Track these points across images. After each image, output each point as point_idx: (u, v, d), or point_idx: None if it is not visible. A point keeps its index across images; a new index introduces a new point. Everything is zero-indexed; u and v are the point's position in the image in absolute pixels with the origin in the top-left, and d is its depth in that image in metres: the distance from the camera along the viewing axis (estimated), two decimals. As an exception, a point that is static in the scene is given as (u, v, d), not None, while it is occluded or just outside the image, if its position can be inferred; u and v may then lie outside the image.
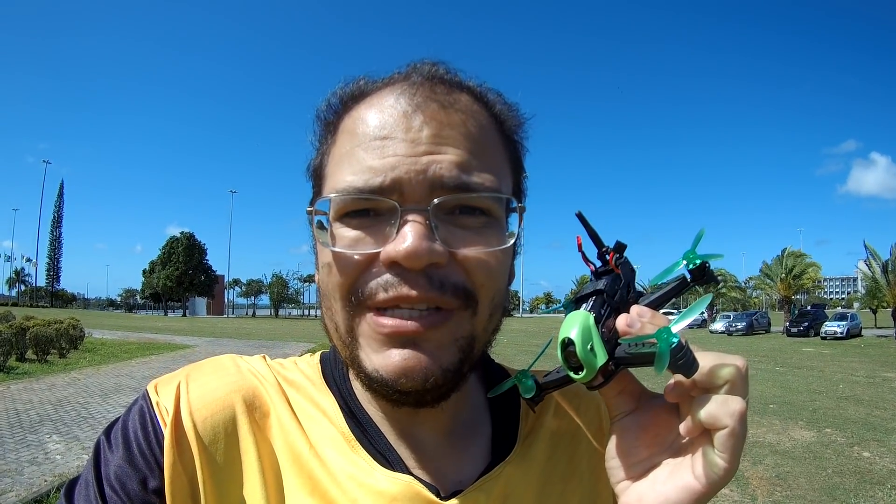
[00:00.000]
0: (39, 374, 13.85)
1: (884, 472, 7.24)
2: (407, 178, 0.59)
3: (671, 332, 0.51)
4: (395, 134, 0.61)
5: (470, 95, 0.67)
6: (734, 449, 0.53)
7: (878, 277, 41.73)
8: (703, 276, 0.62)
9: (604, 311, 0.59)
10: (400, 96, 0.63)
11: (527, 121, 0.74)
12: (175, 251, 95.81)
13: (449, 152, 0.60)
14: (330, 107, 0.70)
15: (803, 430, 9.51)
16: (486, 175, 0.62)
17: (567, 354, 0.56)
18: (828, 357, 23.37)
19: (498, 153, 0.67)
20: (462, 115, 0.64)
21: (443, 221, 0.60)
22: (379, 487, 0.64)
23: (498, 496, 0.68)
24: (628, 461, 0.60)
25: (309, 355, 0.80)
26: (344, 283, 0.62)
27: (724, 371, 0.53)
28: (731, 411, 0.52)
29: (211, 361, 0.74)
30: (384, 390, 0.62)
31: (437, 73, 0.66)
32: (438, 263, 0.58)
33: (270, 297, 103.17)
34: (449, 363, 0.61)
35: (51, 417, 9.14)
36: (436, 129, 0.61)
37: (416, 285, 0.58)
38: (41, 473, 6.32)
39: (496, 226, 0.63)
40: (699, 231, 0.64)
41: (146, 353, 20.24)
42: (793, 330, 39.99)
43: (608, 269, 0.63)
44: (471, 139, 0.63)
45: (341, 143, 0.65)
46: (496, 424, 0.76)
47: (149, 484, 0.62)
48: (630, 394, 0.62)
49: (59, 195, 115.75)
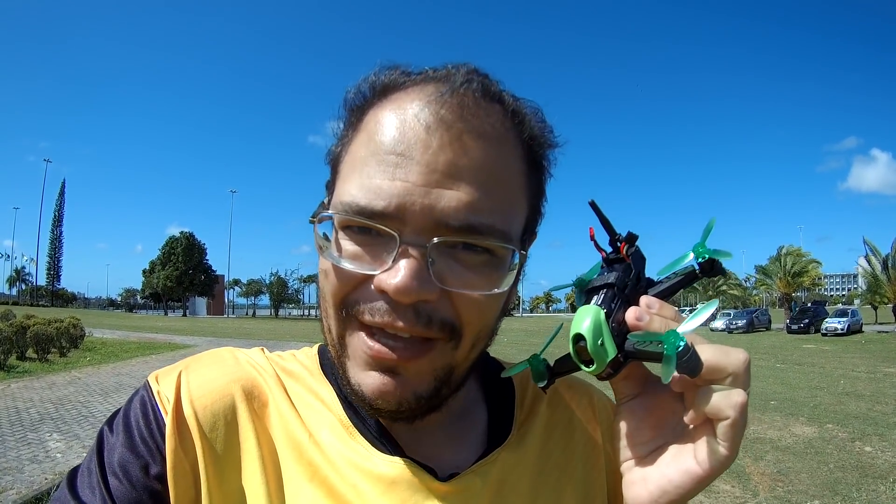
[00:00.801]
0: (40, 373, 13.88)
1: (885, 466, 7.25)
2: (412, 209, 0.57)
3: (679, 335, 0.53)
4: (411, 153, 0.58)
5: (503, 112, 0.63)
6: (735, 438, 0.55)
7: (878, 273, 41.85)
8: (713, 269, 0.63)
9: (614, 304, 0.60)
10: (426, 107, 0.59)
11: (559, 146, 0.70)
12: (175, 251, 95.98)
13: (462, 188, 0.58)
14: (359, 93, 0.66)
15: (804, 425, 9.53)
16: (495, 217, 0.59)
17: (578, 348, 0.58)
18: (829, 353, 23.47)
19: (516, 186, 0.64)
20: (485, 142, 0.60)
21: (442, 255, 0.59)
22: (378, 471, 0.65)
23: (494, 480, 0.69)
24: (634, 442, 0.63)
25: (307, 347, 0.82)
26: (337, 294, 0.62)
27: (728, 364, 0.55)
28: (732, 403, 0.54)
29: (210, 354, 0.75)
30: (362, 403, 0.63)
31: (472, 83, 0.62)
32: (428, 300, 0.58)
33: (270, 297, 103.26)
34: (424, 391, 0.62)
35: (51, 416, 9.16)
36: (454, 155, 0.58)
37: (403, 318, 0.58)
38: (42, 471, 6.33)
39: (497, 265, 0.61)
40: (709, 222, 0.64)
41: (146, 353, 20.31)
42: (793, 327, 40.14)
43: (619, 258, 0.64)
44: (489, 172, 0.60)
45: (358, 144, 0.63)
46: (492, 412, 0.77)
47: (151, 470, 0.62)
48: (636, 378, 0.64)
49: (60, 194, 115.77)
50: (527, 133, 0.65)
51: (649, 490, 0.60)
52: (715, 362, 0.54)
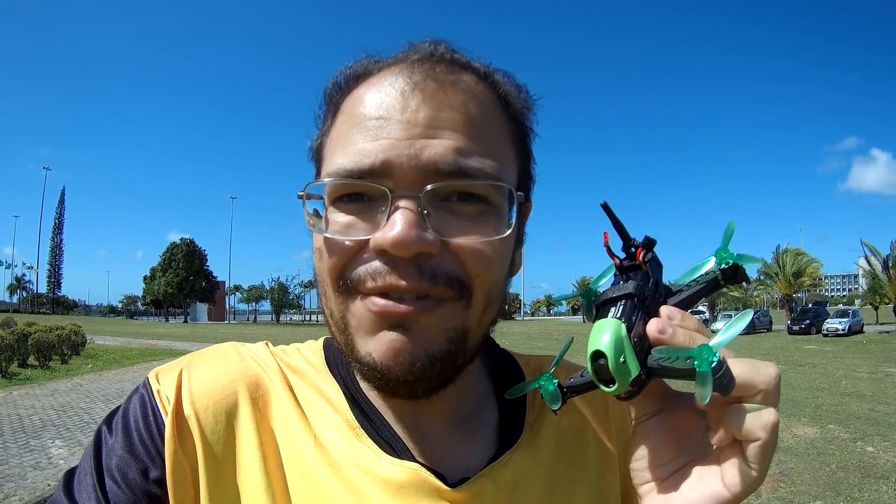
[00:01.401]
0: (42, 380, 13.85)
1: (888, 466, 7.23)
2: (399, 161, 0.56)
3: (712, 349, 0.48)
4: (390, 115, 0.58)
5: (474, 75, 0.64)
6: (765, 460, 0.51)
7: (878, 274, 41.72)
8: (737, 276, 0.58)
9: (635, 317, 0.55)
10: (399, 75, 0.61)
11: (537, 101, 0.70)
12: (175, 257, 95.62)
13: (446, 135, 0.58)
14: (334, 86, 0.68)
15: (806, 426, 9.49)
16: (485, 160, 0.59)
17: (597, 367, 0.52)
18: (830, 354, 23.32)
19: (502, 137, 0.64)
20: (463, 95, 0.61)
21: (437, 208, 0.58)
22: (385, 475, 0.63)
23: (506, 483, 0.67)
24: (653, 464, 0.57)
25: (312, 341, 0.79)
26: (334, 268, 0.60)
27: (758, 381, 0.51)
28: (764, 423, 0.50)
29: (213, 349, 0.73)
30: (374, 376, 0.60)
31: (438, 52, 0.64)
32: (429, 253, 0.56)
33: (271, 302, 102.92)
34: (436, 351, 0.59)
35: (53, 422, 9.14)
36: (434, 109, 0.58)
37: (406, 275, 0.56)
38: (44, 478, 6.33)
39: (495, 214, 0.60)
40: (729, 225, 0.60)
41: (148, 359, 20.16)
42: (794, 328, 39.82)
43: (634, 265, 0.58)
44: (471, 121, 0.60)
45: (339, 125, 0.64)
46: (503, 412, 0.75)
47: (150, 474, 0.61)
48: (655, 395, 0.58)
49: (61, 202, 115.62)
50: (502, 90, 0.66)
51: None
52: (746, 378, 0.50)
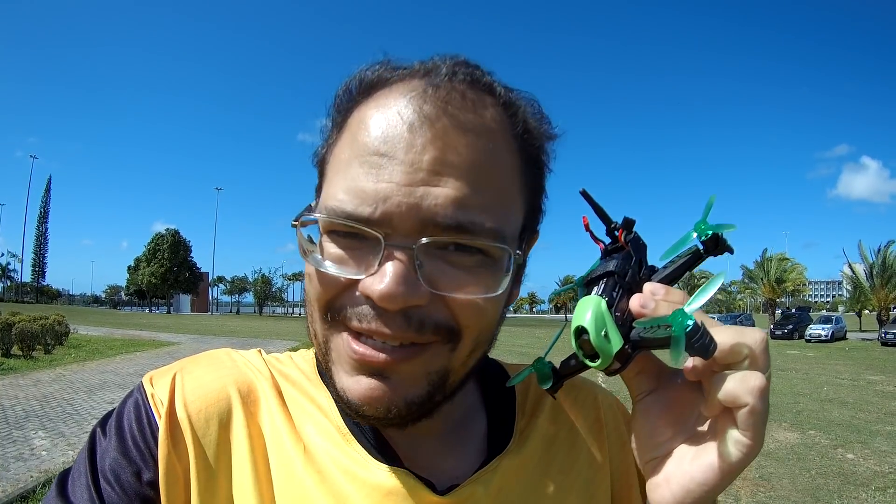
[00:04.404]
0: (25, 370, 13.71)
1: (867, 473, 7.32)
2: (398, 211, 0.54)
3: (686, 314, 0.49)
4: (394, 152, 0.55)
5: (493, 104, 0.60)
6: (756, 426, 0.51)
7: (862, 281, 42.12)
8: (718, 247, 0.60)
9: (616, 293, 0.57)
10: (409, 103, 0.57)
11: (558, 136, 0.68)
12: (160, 248, 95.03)
13: (448, 185, 0.55)
14: (346, 92, 0.65)
15: (787, 431, 9.59)
16: (487, 215, 0.56)
17: (581, 342, 0.54)
18: (812, 360, 23.52)
19: (510, 183, 0.61)
20: (475, 137, 0.57)
21: (431, 257, 0.56)
22: (374, 481, 0.64)
23: (496, 489, 0.68)
24: (653, 441, 0.59)
25: (305, 350, 0.79)
26: (322, 298, 0.60)
27: (743, 346, 0.51)
28: (750, 388, 0.50)
29: (206, 355, 0.74)
30: (349, 410, 0.60)
31: (458, 75, 0.59)
32: (418, 305, 0.55)
33: (254, 294, 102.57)
34: (415, 396, 0.59)
35: (36, 413, 9.06)
36: (439, 152, 0.55)
37: (392, 324, 0.55)
38: (27, 469, 6.26)
39: (492, 266, 0.58)
40: (709, 198, 0.61)
41: (131, 350, 20.10)
42: (777, 332, 40.02)
43: (618, 247, 0.61)
44: (478, 169, 0.57)
45: (342, 145, 0.61)
46: (491, 421, 0.75)
47: (143, 476, 0.62)
48: (650, 373, 0.60)
49: (47, 190, 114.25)
50: (520, 125, 0.62)
51: (672, 491, 0.56)
52: (730, 343, 0.51)
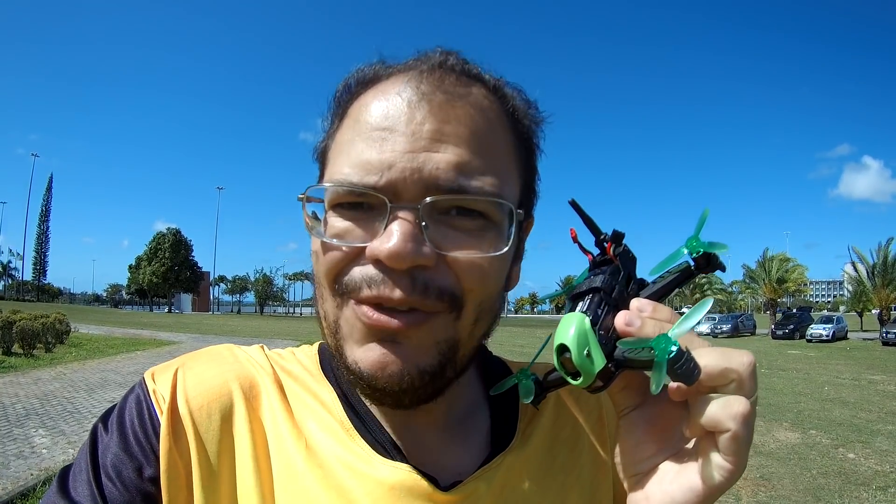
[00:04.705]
0: (26, 368, 13.76)
1: (868, 473, 7.32)
2: (402, 176, 0.57)
3: (670, 339, 0.48)
4: (396, 126, 0.59)
5: (483, 88, 0.64)
6: (738, 452, 0.50)
7: (863, 280, 42.12)
8: (709, 265, 0.59)
9: (601, 310, 0.56)
10: (406, 84, 0.61)
11: (545, 120, 0.71)
12: (161, 247, 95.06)
13: (449, 150, 0.58)
14: (344, 88, 0.68)
15: (788, 431, 9.59)
16: (486, 178, 0.59)
17: (563, 360, 0.53)
18: (813, 360, 23.54)
19: (506, 154, 0.64)
20: (470, 109, 0.61)
21: (435, 221, 0.58)
22: (377, 476, 0.63)
23: (498, 486, 0.68)
24: (637, 457, 0.58)
25: (307, 346, 0.80)
26: (330, 272, 0.61)
27: (730, 372, 0.50)
28: (733, 414, 0.49)
29: (208, 350, 0.74)
30: (361, 384, 0.61)
31: (448, 62, 0.63)
32: (424, 265, 0.57)
33: (256, 294, 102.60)
34: (427, 365, 0.59)
35: (37, 411, 9.09)
36: (438, 122, 0.58)
37: (400, 285, 0.56)
38: (27, 467, 6.29)
39: (494, 229, 0.60)
40: (702, 213, 0.60)
41: (131, 349, 20.15)
42: (778, 332, 40.01)
43: (607, 259, 0.60)
44: (476, 137, 0.60)
45: (345, 130, 0.64)
46: (495, 417, 0.75)
47: (144, 472, 0.62)
48: (635, 388, 0.59)
49: (48, 188, 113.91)
50: (510, 105, 0.66)
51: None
52: (714, 367, 0.50)
